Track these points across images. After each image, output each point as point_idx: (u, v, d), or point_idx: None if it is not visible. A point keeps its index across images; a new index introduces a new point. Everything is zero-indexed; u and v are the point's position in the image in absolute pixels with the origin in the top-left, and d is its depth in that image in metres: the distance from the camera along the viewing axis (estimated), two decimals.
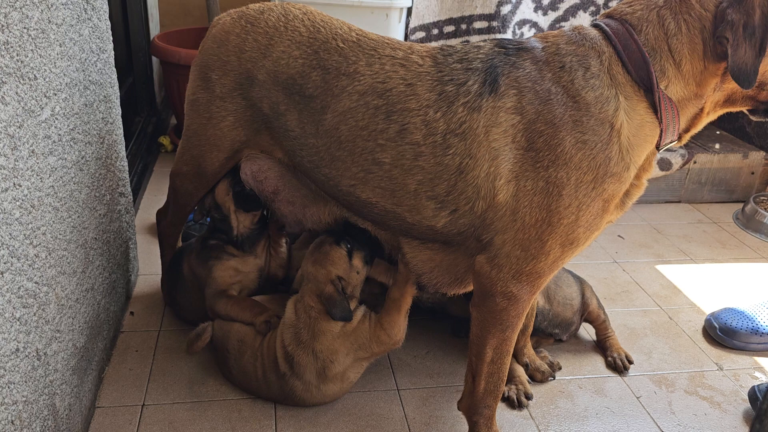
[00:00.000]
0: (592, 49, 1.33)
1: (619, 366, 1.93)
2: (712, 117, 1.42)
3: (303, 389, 1.65)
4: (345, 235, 1.68)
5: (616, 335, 2.03)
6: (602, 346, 2.01)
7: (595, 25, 1.38)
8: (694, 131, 1.43)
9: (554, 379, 1.88)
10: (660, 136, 1.35)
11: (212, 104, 1.65)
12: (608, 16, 1.38)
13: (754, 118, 1.44)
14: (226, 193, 1.82)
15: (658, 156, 2.90)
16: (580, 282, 2.02)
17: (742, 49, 1.22)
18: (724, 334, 2.09)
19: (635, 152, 1.33)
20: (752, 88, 1.33)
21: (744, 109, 1.42)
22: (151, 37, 3.27)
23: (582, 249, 1.40)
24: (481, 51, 1.41)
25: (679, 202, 3.14)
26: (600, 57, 1.32)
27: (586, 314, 2.00)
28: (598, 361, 1.97)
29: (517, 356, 1.84)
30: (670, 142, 1.38)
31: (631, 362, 1.96)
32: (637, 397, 1.84)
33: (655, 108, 1.31)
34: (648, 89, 1.30)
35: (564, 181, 1.31)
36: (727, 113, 1.45)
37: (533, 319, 1.81)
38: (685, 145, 3.05)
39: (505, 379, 1.53)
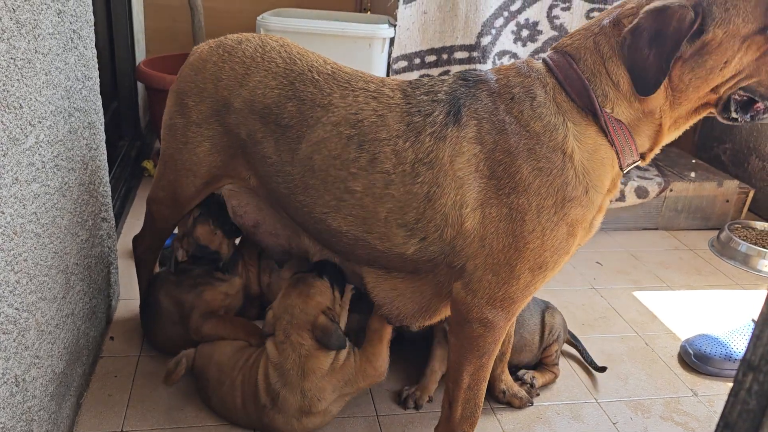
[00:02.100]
0: (538, 80, 1.39)
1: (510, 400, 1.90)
2: (677, 131, 1.44)
3: (284, 422, 1.64)
4: (323, 270, 1.69)
5: (591, 362, 2.07)
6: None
7: (543, 59, 1.44)
8: (657, 149, 1.46)
9: (532, 405, 1.90)
10: (618, 158, 1.39)
11: (188, 129, 1.68)
12: (553, 49, 1.44)
13: (723, 120, 1.43)
14: (212, 232, 1.88)
15: (635, 184, 2.97)
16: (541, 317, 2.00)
17: (643, 53, 1.28)
18: (698, 360, 2.12)
19: (592, 175, 1.37)
20: (709, 95, 1.36)
21: (713, 114, 1.43)
22: (137, 63, 3.30)
23: (553, 273, 1.43)
24: (446, 84, 1.47)
25: (656, 229, 3.20)
26: (545, 87, 1.38)
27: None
28: (575, 387, 2.00)
29: (494, 383, 1.86)
30: (633, 163, 1.42)
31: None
32: (614, 423, 1.86)
33: (605, 131, 1.36)
34: (595, 114, 1.36)
35: (526, 207, 1.35)
36: (703, 143, 1.47)
37: (510, 346, 1.84)
38: (661, 173, 3.13)
39: (481, 405, 1.55)
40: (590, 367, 2.08)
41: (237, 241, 2.03)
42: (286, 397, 1.61)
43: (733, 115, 1.39)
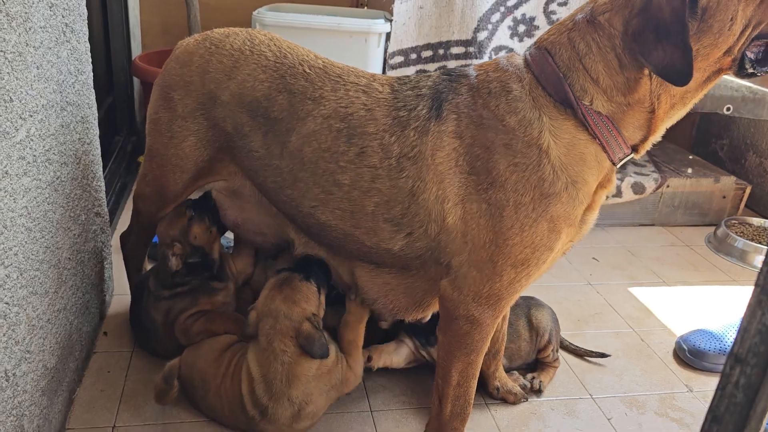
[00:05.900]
0: (515, 75, 1.38)
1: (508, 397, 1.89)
2: (684, 108, 1.38)
3: (275, 429, 1.62)
4: (310, 271, 1.64)
5: (591, 353, 2.07)
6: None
7: (523, 55, 1.42)
8: (654, 137, 1.40)
9: (527, 400, 1.90)
10: (606, 151, 1.36)
11: (174, 123, 1.67)
12: (534, 44, 1.42)
13: (740, 78, 1.35)
14: (208, 231, 1.82)
15: (632, 180, 2.97)
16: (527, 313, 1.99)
17: (660, 51, 1.23)
18: (693, 355, 2.12)
19: (572, 171, 1.34)
20: (722, 59, 1.31)
21: (728, 74, 1.37)
22: (133, 57, 3.29)
23: (538, 270, 1.41)
24: (430, 79, 1.47)
25: (653, 225, 3.19)
26: (521, 82, 1.36)
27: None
28: (570, 383, 1.99)
29: (488, 381, 1.86)
30: (625, 156, 1.38)
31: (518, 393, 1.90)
32: (608, 419, 1.86)
33: (585, 125, 1.33)
34: (572, 107, 1.33)
35: (504, 203, 1.34)
36: (700, 139, 1.41)
37: (504, 344, 1.83)
38: (658, 169, 3.13)
39: (472, 402, 1.55)
40: (594, 356, 2.09)
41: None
42: (275, 409, 1.58)
43: (750, 70, 1.33)
